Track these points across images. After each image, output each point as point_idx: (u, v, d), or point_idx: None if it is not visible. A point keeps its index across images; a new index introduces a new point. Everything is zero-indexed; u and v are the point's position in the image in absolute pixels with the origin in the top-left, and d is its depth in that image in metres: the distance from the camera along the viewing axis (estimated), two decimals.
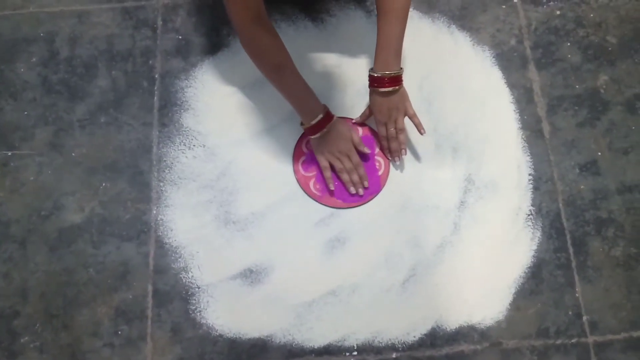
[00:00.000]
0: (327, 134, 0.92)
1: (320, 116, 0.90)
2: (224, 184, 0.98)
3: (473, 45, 1.07)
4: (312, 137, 0.92)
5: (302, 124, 0.92)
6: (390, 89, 0.89)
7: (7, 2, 1.10)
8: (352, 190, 0.95)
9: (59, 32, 1.08)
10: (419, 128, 0.93)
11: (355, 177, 0.95)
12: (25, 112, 1.03)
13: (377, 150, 0.99)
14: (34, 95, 1.04)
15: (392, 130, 0.94)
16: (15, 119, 1.02)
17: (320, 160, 0.95)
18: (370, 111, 0.96)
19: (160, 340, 0.90)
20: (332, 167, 0.96)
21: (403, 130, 0.94)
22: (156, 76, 1.05)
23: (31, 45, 1.07)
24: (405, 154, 0.97)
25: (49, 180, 0.99)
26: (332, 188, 0.95)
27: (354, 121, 1.00)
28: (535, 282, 0.93)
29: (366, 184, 0.96)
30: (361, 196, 0.96)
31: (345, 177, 0.95)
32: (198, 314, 0.91)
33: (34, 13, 1.09)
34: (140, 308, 0.92)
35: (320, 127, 0.90)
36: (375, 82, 0.89)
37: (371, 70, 0.89)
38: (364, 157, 0.98)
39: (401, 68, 0.89)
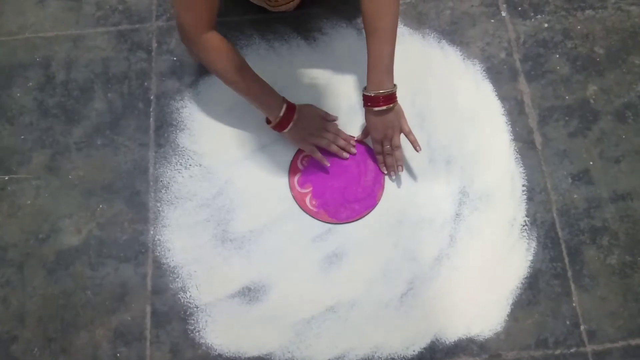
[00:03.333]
0: (299, 121, 0.94)
1: (285, 106, 0.92)
2: (220, 202, 0.98)
3: (463, 59, 1.08)
4: (285, 130, 0.94)
5: (268, 122, 0.94)
6: (384, 107, 0.90)
7: (3, 28, 1.12)
8: (345, 155, 0.98)
9: (55, 57, 1.09)
10: (415, 145, 0.94)
11: (341, 142, 0.98)
12: (22, 136, 1.04)
13: (372, 164, 1.00)
14: (30, 120, 1.05)
15: (387, 147, 0.95)
16: (12, 144, 1.03)
17: (305, 147, 0.97)
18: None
19: None
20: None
21: (399, 147, 0.95)
22: (152, 97, 1.06)
23: (27, 70, 1.08)
24: (402, 171, 0.97)
25: (46, 203, 0.99)
26: (328, 164, 0.98)
27: (354, 140, 1.01)
28: (532, 292, 0.93)
29: (353, 142, 1.00)
30: (355, 210, 0.97)
31: (333, 148, 0.98)
32: (197, 333, 0.91)
33: (29, 38, 1.11)
34: (139, 329, 0.92)
35: (288, 118, 0.93)
36: (369, 102, 0.90)
37: (364, 90, 0.90)
38: (360, 172, 0.99)
39: (395, 85, 0.90)
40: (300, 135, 0.96)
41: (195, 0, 0.83)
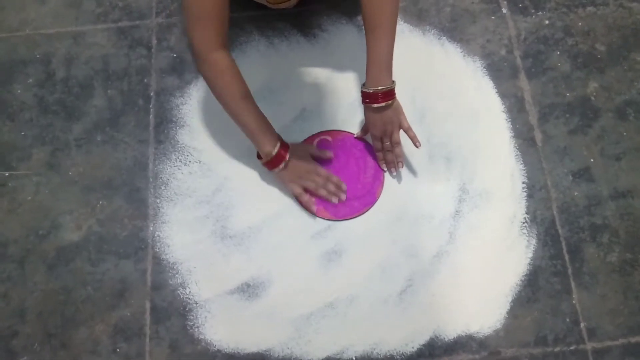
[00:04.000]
0: (290, 162, 0.91)
1: (278, 146, 0.89)
2: (220, 199, 0.98)
3: (464, 56, 1.08)
4: (277, 169, 0.91)
5: (258, 157, 0.92)
6: (383, 104, 0.89)
7: (3, 25, 1.12)
8: (335, 200, 0.95)
9: (55, 54, 1.09)
10: (414, 141, 0.94)
11: (331, 187, 0.95)
12: (23, 133, 1.04)
13: (371, 160, 1.00)
14: (30, 116, 1.05)
15: (387, 144, 0.95)
16: (13, 140, 1.03)
17: (293, 190, 0.94)
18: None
19: (158, 357, 0.90)
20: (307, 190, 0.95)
21: (399, 143, 0.95)
22: (151, 94, 1.06)
23: (28, 67, 1.08)
24: (402, 167, 0.97)
25: (47, 199, 1.00)
26: (315, 211, 0.96)
27: (355, 136, 1.01)
28: (532, 289, 0.93)
29: (344, 187, 0.96)
30: (355, 207, 0.97)
31: (322, 192, 0.94)
32: (196, 329, 0.92)
33: (30, 35, 1.11)
34: (138, 325, 0.92)
35: (280, 159, 0.90)
36: (368, 98, 0.90)
37: (363, 86, 0.90)
38: (360, 169, 0.99)
39: (393, 81, 0.90)
40: (290, 177, 0.93)
41: (204, 15, 0.80)
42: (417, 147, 0.94)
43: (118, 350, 0.91)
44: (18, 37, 1.11)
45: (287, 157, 0.91)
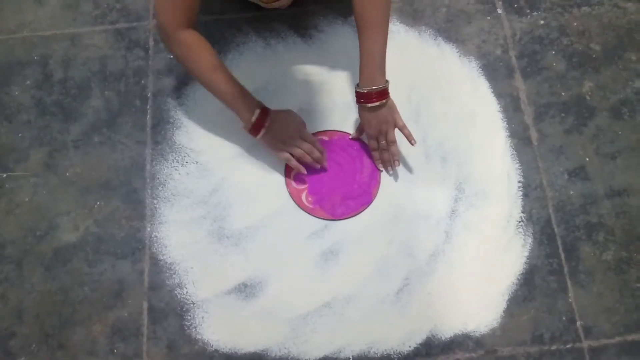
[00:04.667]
0: (272, 127, 0.92)
1: (258, 111, 0.90)
2: (217, 199, 0.99)
3: (459, 56, 1.08)
4: (259, 136, 0.92)
5: (244, 126, 0.93)
6: (377, 103, 0.90)
7: (1, 27, 1.12)
8: (317, 166, 0.96)
9: (53, 55, 1.10)
10: (410, 139, 0.95)
11: (317, 154, 0.96)
12: (20, 134, 1.04)
13: (367, 160, 1.00)
14: (28, 118, 1.05)
15: (383, 143, 0.95)
16: (10, 141, 1.04)
17: (280, 155, 0.95)
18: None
19: (156, 358, 0.91)
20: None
21: (394, 142, 0.96)
22: (149, 95, 1.06)
23: (25, 69, 1.09)
24: (399, 165, 0.98)
25: (44, 200, 1.00)
26: (305, 172, 0.96)
27: (350, 137, 1.02)
28: (528, 288, 0.93)
29: (325, 155, 0.98)
30: (351, 206, 0.97)
31: (307, 158, 0.95)
32: (193, 329, 0.92)
33: (27, 37, 1.11)
34: (135, 325, 0.92)
35: (261, 123, 0.90)
36: (362, 98, 0.90)
37: (357, 86, 0.91)
38: (356, 169, 1.00)
39: (387, 81, 0.90)
40: (274, 143, 0.93)
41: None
42: (412, 144, 0.94)
43: (115, 350, 0.91)
44: (16, 39, 1.11)
45: (268, 122, 0.91)
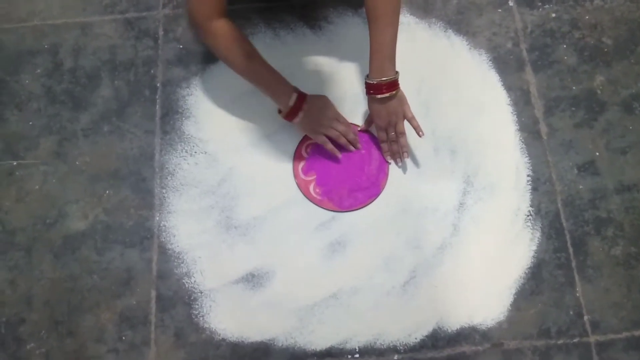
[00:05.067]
0: (310, 111, 0.93)
1: (295, 96, 0.91)
2: (225, 189, 0.99)
3: (470, 49, 1.08)
4: (296, 120, 0.93)
5: (279, 112, 0.94)
6: (387, 94, 0.90)
7: (12, 15, 1.13)
8: (352, 149, 0.98)
9: (63, 44, 1.10)
10: (418, 130, 0.94)
11: (352, 136, 0.98)
12: (30, 122, 1.05)
13: (376, 152, 1.00)
14: (38, 106, 1.06)
15: (392, 134, 0.95)
16: (21, 129, 1.04)
17: (316, 138, 0.96)
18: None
19: (163, 345, 0.91)
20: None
21: (403, 133, 0.96)
22: (158, 85, 1.07)
23: (35, 57, 1.09)
24: (408, 157, 0.98)
25: (54, 188, 1.01)
26: (339, 156, 0.98)
27: (359, 129, 1.02)
28: (536, 282, 0.93)
29: (358, 138, 1.00)
30: (359, 198, 0.97)
31: (343, 140, 0.97)
32: (201, 318, 0.92)
33: (38, 26, 1.12)
34: (143, 313, 0.93)
35: (299, 107, 0.92)
36: (372, 89, 0.90)
37: (367, 77, 0.90)
38: (364, 160, 1.00)
39: (397, 72, 0.90)
40: (311, 126, 0.95)
41: None
42: (420, 136, 0.94)
43: (124, 338, 0.92)
44: (26, 28, 1.11)
45: (305, 106, 0.92)
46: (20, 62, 1.09)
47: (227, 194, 0.99)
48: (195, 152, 1.02)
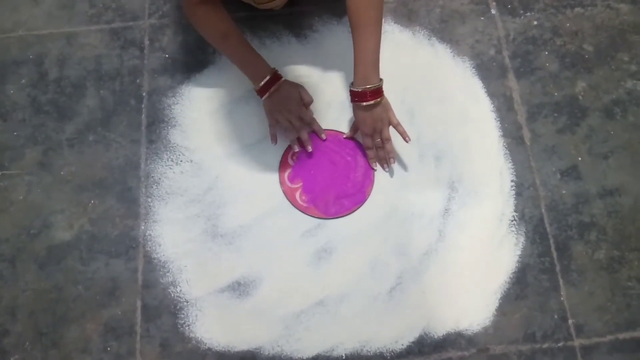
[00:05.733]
0: (277, 93, 0.95)
1: (268, 77, 0.94)
2: (211, 198, 0.99)
3: (453, 56, 1.09)
4: (263, 97, 0.96)
5: (254, 89, 0.97)
6: (372, 102, 0.91)
7: None
8: (296, 149, 0.98)
9: (48, 54, 1.10)
10: (404, 136, 0.95)
11: (305, 136, 0.98)
12: (15, 133, 1.04)
13: (362, 159, 1.01)
14: (23, 116, 1.06)
15: (378, 141, 0.96)
16: (5, 140, 1.04)
17: (269, 118, 0.98)
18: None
19: (149, 356, 0.91)
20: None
21: (389, 140, 0.96)
22: (144, 94, 1.07)
23: (20, 67, 1.09)
24: (394, 163, 0.98)
25: (38, 198, 1.00)
26: (275, 143, 0.99)
27: (344, 136, 1.02)
28: (521, 287, 0.94)
29: (324, 135, 1.00)
30: (345, 205, 0.98)
31: (290, 136, 0.98)
32: (187, 328, 0.92)
33: (23, 36, 1.12)
34: (129, 323, 0.93)
35: (268, 87, 0.94)
36: (356, 97, 0.91)
37: (351, 85, 0.91)
38: (350, 167, 1.00)
39: (381, 79, 0.91)
40: (270, 107, 0.97)
41: None
42: (406, 142, 0.95)
43: (109, 348, 0.91)
44: (11, 38, 1.11)
45: (273, 88, 0.95)
46: (5, 73, 1.09)
47: (213, 202, 0.99)
48: (181, 161, 1.02)
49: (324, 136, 1.00)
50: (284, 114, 0.96)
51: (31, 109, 1.06)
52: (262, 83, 0.94)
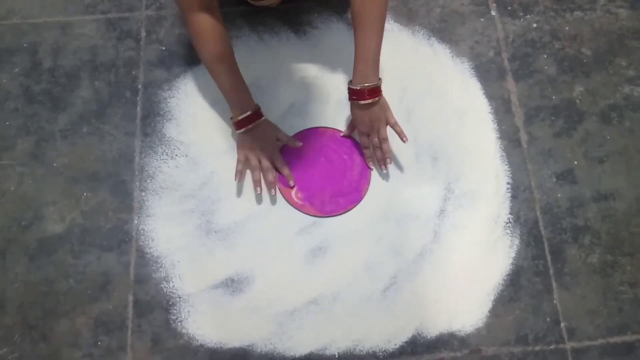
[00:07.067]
0: (252, 132, 0.94)
1: (249, 113, 0.92)
2: (205, 193, 0.98)
3: (452, 57, 1.09)
4: (238, 131, 0.94)
5: (231, 117, 0.94)
6: (370, 100, 0.90)
7: None
8: (257, 190, 0.95)
9: (42, 43, 1.08)
10: (401, 136, 0.95)
11: (270, 178, 0.96)
12: (7, 122, 1.03)
13: (358, 158, 1.00)
14: (15, 106, 1.04)
15: (375, 140, 0.95)
16: None
17: (238, 154, 0.96)
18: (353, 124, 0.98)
19: (140, 351, 0.90)
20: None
21: (386, 139, 0.96)
22: (139, 86, 1.05)
23: (14, 56, 1.07)
24: (390, 163, 0.98)
25: (30, 190, 0.99)
26: (237, 180, 0.95)
27: (341, 135, 1.02)
28: (514, 289, 0.94)
29: (273, 192, 0.96)
30: (341, 203, 0.97)
31: (256, 176, 0.96)
32: (179, 323, 0.91)
33: (17, 24, 1.10)
34: (120, 318, 0.92)
35: (246, 123, 0.92)
36: (354, 95, 0.90)
37: (350, 83, 0.91)
38: (347, 166, 1.00)
39: (380, 79, 0.90)
40: (244, 144, 0.95)
41: None
42: (404, 142, 0.95)
43: (99, 343, 0.90)
44: (5, 26, 1.09)
45: (251, 126, 0.93)
46: None
47: (207, 197, 0.98)
48: (176, 155, 1.01)
49: (292, 183, 0.97)
50: (255, 152, 0.95)
51: (24, 98, 1.04)
52: (241, 117, 0.91)
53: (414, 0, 1.13)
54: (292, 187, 0.98)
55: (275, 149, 0.97)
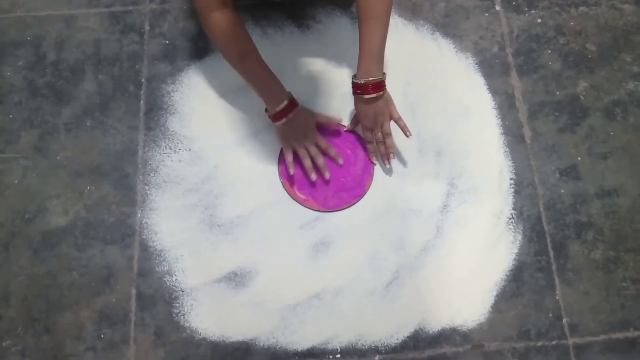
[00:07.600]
0: (292, 121, 0.93)
1: (285, 102, 0.91)
2: (209, 187, 0.98)
3: (456, 52, 1.08)
4: (278, 123, 0.93)
5: (266, 110, 0.93)
6: (374, 95, 0.90)
7: None
8: (313, 177, 0.95)
9: (46, 36, 1.08)
10: (405, 131, 0.95)
11: (321, 161, 0.96)
12: (11, 116, 1.03)
13: (361, 153, 1.00)
14: (19, 99, 1.04)
15: (379, 135, 0.95)
16: (1, 122, 1.02)
17: (284, 146, 0.96)
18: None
19: (143, 344, 0.90)
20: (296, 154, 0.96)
21: (389, 134, 0.96)
22: (143, 80, 1.05)
23: (18, 49, 1.07)
24: (394, 158, 0.98)
25: (34, 183, 0.99)
26: (292, 172, 0.95)
27: (345, 129, 1.01)
28: (517, 284, 0.94)
29: (327, 175, 0.96)
30: (344, 198, 0.97)
31: (307, 163, 0.95)
32: (182, 317, 0.91)
33: (21, 17, 1.09)
34: (123, 311, 0.92)
35: (285, 113, 0.91)
36: (358, 89, 0.90)
37: (354, 77, 0.90)
38: (350, 161, 0.99)
39: (384, 73, 0.90)
40: (287, 135, 0.95)
41: None
42: (407, 136, 0.94)
43: (102, 336, 0.91)
44: (9, 19, 1.09)
45: (290, 115, 0.92)
46: (1, 54, 1.07)
47: (210, 191, 0.98)
48: (180, 149, 1.01)
49: (340, 161, 0.98)
50: (300, 140, 0.95)
51: (28, 91, 1.04)
52: (279, 108, 0.90)
53: None
54: (340, 165, 0.98)
55: (317, 133, 0.97)
